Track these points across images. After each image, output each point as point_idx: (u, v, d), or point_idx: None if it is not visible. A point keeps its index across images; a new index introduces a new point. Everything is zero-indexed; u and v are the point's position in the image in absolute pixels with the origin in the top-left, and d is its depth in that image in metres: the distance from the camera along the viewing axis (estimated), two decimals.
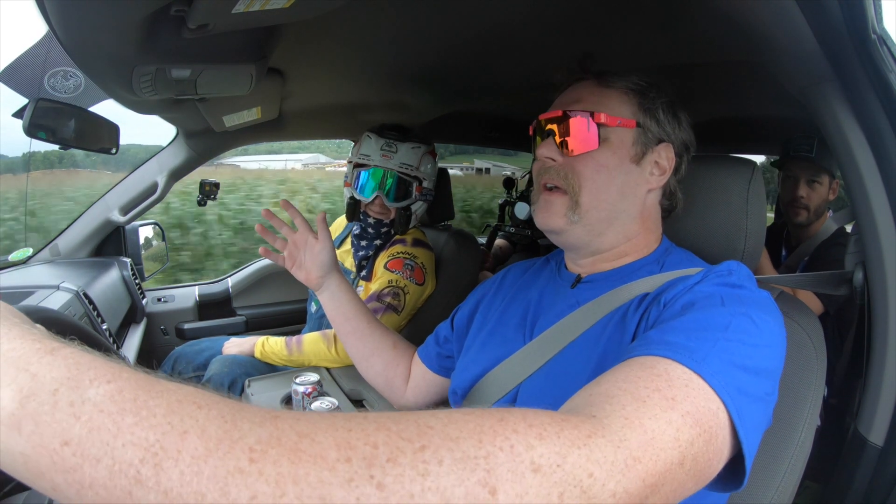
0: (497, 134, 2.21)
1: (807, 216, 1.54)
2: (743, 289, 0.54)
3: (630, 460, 0.33)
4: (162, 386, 0.26)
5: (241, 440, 0.24)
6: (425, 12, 0.87)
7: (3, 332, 0.28)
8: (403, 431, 0.27)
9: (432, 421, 0.29)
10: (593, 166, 0.64)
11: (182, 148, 1.64)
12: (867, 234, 0.73)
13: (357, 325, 0.90)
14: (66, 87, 1.17)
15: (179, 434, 0.24)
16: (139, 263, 1.71)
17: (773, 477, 0.63)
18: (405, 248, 1.39)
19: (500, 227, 2.41)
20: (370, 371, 0.93)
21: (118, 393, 0.25)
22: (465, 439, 0.28)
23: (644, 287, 0.62)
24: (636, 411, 0.36)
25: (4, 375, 0.25)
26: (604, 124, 0.63)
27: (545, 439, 0.30)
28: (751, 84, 1.30)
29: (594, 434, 0.32)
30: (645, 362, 0.43)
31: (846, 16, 0.61)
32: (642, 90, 0.66)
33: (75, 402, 0.25)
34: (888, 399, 0.72)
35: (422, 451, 0.26)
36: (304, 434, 0.26)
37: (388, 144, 1.34)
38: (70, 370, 0.26)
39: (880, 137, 0.68)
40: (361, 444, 0.26)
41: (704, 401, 0.40)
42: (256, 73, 0.86)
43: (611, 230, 0.66)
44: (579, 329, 0.63)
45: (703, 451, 0.38)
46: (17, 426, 0.24)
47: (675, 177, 0.68)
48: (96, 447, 0.24)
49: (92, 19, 0.57)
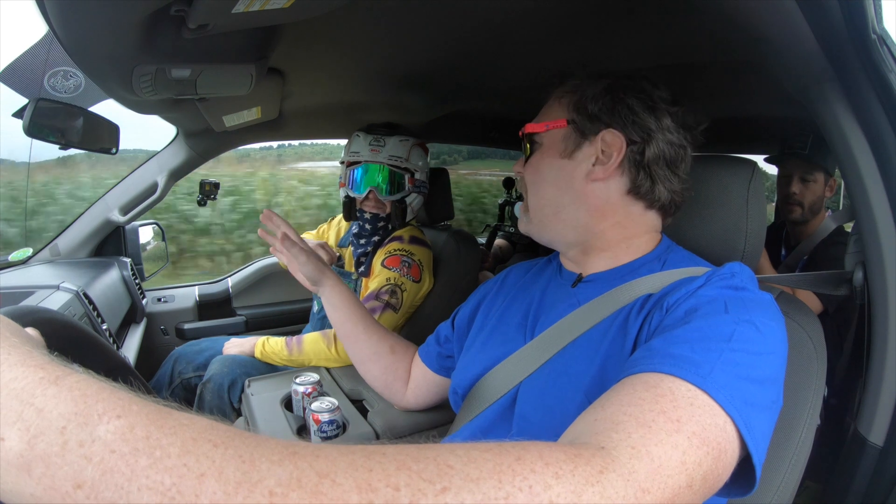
0: (497, 134, 2.21)
1: (801, 213, 1.56)
2: (746, 291, 0.54)
3: (640, 492, 0.33)
4: (174, 420, 0.26)
5: (261, 483, 0.24)
6: (425, 12, 0.87)
7: (3, 357, 0.27)
8: (424, 472, 0.27)
9: (452, 459, 0.29)
10: (531, 171, 0.71)
11: (182, 148, 1.64)
12: (867, 233, 0.73)
13: (353, 330, 0.91)
14: (66, 87, 1.17)
15: (196, 477, 0.23)
16: (139, 263, 1.71)
17: (773, 477, 0.63)
18: (402, 246, 1.40)
19: (500, 227, 2.41)
20: (368, 374, 0.93)
21: (129, 430, 0.24)
22: (486, 480, 0.28)
23: (646, 287, 0.62)
24: (642, 438, 0.36)
25: (9, 411, 0.24)
26: (535, 132, 0.70)
27: (561, 478, 0.31)
28: (751, 84, 1.30)
29: (605, 469, 0.33)
30: (649, 381, 0.43)
31: (846, 16, 0.61)
32: (575, 89, 0.68)
33: (85, 441, 0.24)
34: (888, 399, 0.72)
35: (443, 494, 0.27)
36: (324, 475, 0.25)
37: (375, 139, 1.38)
38: (77, 404, 0.25)
39: (880, 137, 0.68)
40: (383, 485, 0.26)
41: (710, 417, 0.40)
42: (256, 73, 0.86)
43: (560, 223, 0.69)
44: (580, 328, 0.63)
45: (712, 468, 0.39)
46: (26, 468, 0.23)
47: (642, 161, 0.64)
48: (110, 491, 0.23)
49: (92, 19, 0.57)
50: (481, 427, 0.68)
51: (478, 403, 0.70)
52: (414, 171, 1.41)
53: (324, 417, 0.92)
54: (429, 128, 1.75)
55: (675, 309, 0.54)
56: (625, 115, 0.64)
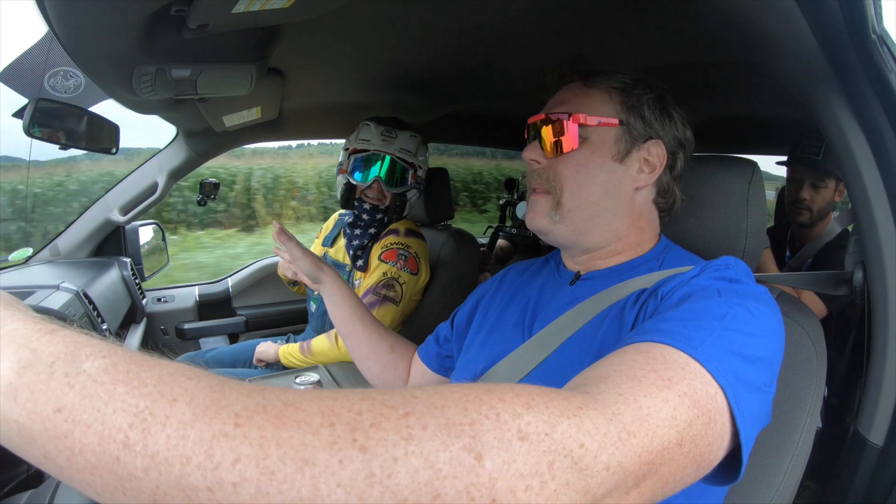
0: (497, 134, 2.21)
1: (809, 217, 1.54)
2: (739, 283, 0.54)
3: (624, 434, 0.32)
4: (155, 361, 0.28)
5: (228, 407, 0.25)
6: (425, 13, 0.87)
7: (7, 314, 0.29)
8: (388, 400, 0.28)
9: (418, 392, 0.29)
10: (573, 166, 0.65)
11: (182, 148, 1.64)
12: (867, 234, 0.73)
13: (352, 328, 0.91)
14: (66, 87, 1.17)
15: (168, 401, 0.25)
16: (139, 263, 1.71)
17: (773, 477, 0.63)
18: (398, 239, 1.41)
19: (502, 228, 2.41)
20: (367, 372, 0.93)
21: (112, 366, 0.26)
22: (450, 407, 0.28)
23: (642, 283, 0.62)
24: (631, 389, 0.35)
25: (6, 350, 0.27)
26: (584, 125, 0.64)
27: (533, 408, 0.30)
28: (751, 84, 1.30)
29: (585, 406, 0.32)
30: (640, 347, 0.42)
31: (846, 16, 0.61)
32: (626, 88, 0.66)
33: (70, 373, 0.26)
34: (888, 399, 0.72)
35: (406, 417, 0.27)
36: (289, 403, 0.26)
37: (387, 131, 1.38)
38: (68, 346, 0.27)
39: (880, 137, 0.68)
40: (345, 411, 0.27)
41: (702, 384, 0.39)
42: (256, 73, 0.86)
43: (596, 228, 0.66)
44: (577, 325, 0.63)
45: (703, 434, 0.37)
46: (13, 394, 0.25)
47: (671, 174, 0.67)
48: (88, 413, 0.24)
49: (92, 19, 0.57)
50: None
51: None
52: (418, 167, 1.43)
53: None
54: (429, 128, 1.75)
55: (670, 296, 0.54)
56: (669, 126, 0.66)
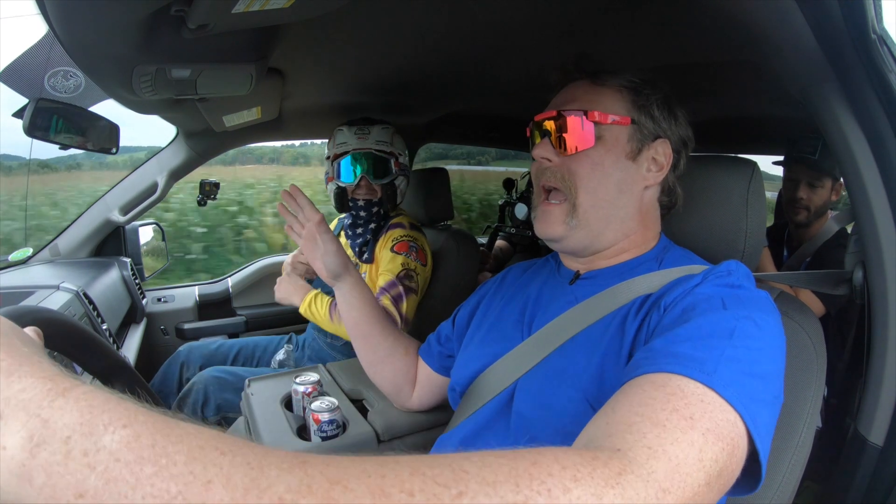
0: (497, 134, 2.21)
1: (806, 216, 1.54)
2: (742, 289, 0.55)
3: (660, 492, 0.33)
4: (181, 430, 0.25)
5: (270, 489, 0.23)
6: (425, 13, 0.87)
7: (14, 368, 0.26)
8: (439, 477, 0.27)
9: (467, 465, 0.28)
10: (589, 165, 0.64)
11: (182, 148, 1.64)
12: (867, 233, 0.73)
13: (367, 331, 0.88)
14: (66, 87, 1.17)
15: (203, 484, 0.23)
16: (139, 263, 1.72)
17: (773, 477, 0.63)
18: (406, 231, 1.43)
19: (501, 228, 2.41)
20: (378, 376, 0.92)
21: (135, 439, 0.24)
22: (502, 484, 0.28)
23: (644, 287, 0.62)
24: (657, 438, 0.36)
25: (14, 421, 0.24)
26: (598, 122, 0.64)
27: (580, 481, 0.30)
28: (752, 84, 1.30)
29: (624, 471, 0.33)
30: (656, 381, 0.43)
31: (846, 16, 0.61)
32: (636, 87, 0.66)
33: (89, 450, 0.23)
34: (888, 399, 0.72)
35: (460, 498, 0.26)
36: (335, 481, 0.24)
37: (360, 129, 1.42)
38: (83, 414, 0.24)
39: (880, 137, 0.68)
40: (396, 491, 0.25)
41: (721, 413, 0.40)
42: (256, 73, 0.86)
43: (610, 228, 0.66)
44: (578, 326, 0.63)
45: (727, 465, 0.39)
46: (28, 478, 0.23)
47: (674, 173, 0.68)
48: (114, 500, 0.22)
49: (92, 20, 0.57)
50: (478, 424, 0.68)
51: (475, 400, 0.70)
52: (398, 155, 1.46)
53: (324, 417, 0.92)
54: (429, 128, 1.75)
55: (673, 308, 0.54)
56: (675, 126, 0.68)
